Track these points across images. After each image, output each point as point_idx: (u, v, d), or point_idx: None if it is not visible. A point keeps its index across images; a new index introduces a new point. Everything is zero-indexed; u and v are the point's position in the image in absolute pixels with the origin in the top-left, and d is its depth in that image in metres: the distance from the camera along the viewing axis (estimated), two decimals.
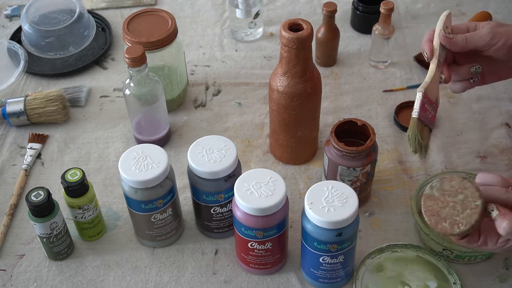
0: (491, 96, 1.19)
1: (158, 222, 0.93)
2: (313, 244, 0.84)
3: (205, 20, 1.40)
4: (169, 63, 1.12)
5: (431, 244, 0.93)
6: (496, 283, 0.92)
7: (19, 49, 1.28)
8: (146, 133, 1.11)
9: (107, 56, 1.32)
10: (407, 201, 1.02)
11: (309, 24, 0.93)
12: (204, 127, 1.16)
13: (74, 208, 0.94)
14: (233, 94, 1.22)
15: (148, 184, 0.87)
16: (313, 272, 0.89)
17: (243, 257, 0.92)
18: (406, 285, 0.90)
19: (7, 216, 1.01)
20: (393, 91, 1.21)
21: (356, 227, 0.84)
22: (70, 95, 1.20)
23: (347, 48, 1.31)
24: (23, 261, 0.97)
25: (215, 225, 0.96)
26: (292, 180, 1.07)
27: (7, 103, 1.15)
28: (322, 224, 0.81)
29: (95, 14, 1.39)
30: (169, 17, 1.12)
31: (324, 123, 1.13)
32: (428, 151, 0.90)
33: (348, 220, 0.81)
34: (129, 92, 1.04)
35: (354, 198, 0.82)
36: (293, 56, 0.93)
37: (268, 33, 1.35)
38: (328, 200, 0.82)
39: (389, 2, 1.17)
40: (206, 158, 0.89)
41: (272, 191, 0.84)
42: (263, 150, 1.12)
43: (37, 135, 1.14)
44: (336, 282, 0.90)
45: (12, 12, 1.44)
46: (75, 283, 0.94)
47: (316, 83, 0.98)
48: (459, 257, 0.92)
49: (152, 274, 0.95)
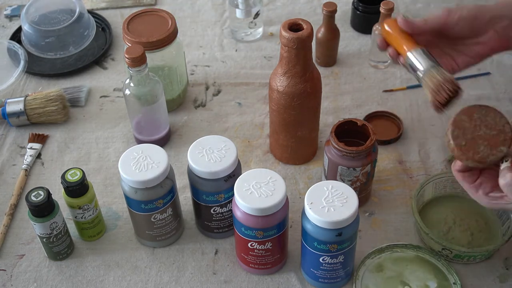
0: (491, 96, 1.19)
1: (158, 222, 0.93)
2: (313, 244, 0.84)
3: (205, 20, 1.40)
4: (169, 63, 1.12)
5: (431, 243, 0.93)
6: (496, 283, 0.92)
7: (19, 49, 1.28)
8: (146, 133, 1.11)
9: (107, 56, 1.32)
10: (407, 201, 1.02)
11: (309, 24, 0.93)
12: (204, 127, 1.16)
13: (74, 208, 0.94)
14: (233, 94, 1.22)
15: (148, 184, 0.87)
16: (313, 272, 0.89)
17: (243, 257, 0.92)
18: (406, 285, 0.90)
19: (7, 216, 1.01)
20: (393, 91, 1.21)
21: (356, 227, 0.84)
22: (70, 95, 1.20)
23: (347, 48, 1.31)
24: (23, 261, 0.97)
25: (215, 225, 0.96)
26: (292, 180, 1.07)
27: (7, 103, 1.15)
28: (322, 224, 0.81)
29: (95, 14, 1.39)
30: (169, 17, 1.12)
31: (324, 123, 1.13)
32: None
33: (348, 220, 0.81)
34: (129, 92, 1.04)
35: (354, 198, 0.82)
36: (293, 56, 0.93)
37: (268, 33, 1.35)
38: (328, 200, 0.82)
39: (389, 2, 1.17)
40: (206, 158, 0.89)
41: (272, 191, 0.84)
42: (263, 150, 1.12)
43: (37, 135, 1.14)
44: (336, 282, 0.90)
45: (12, 12, 1.44)
46: (75, 283, 0.94)
47: (316, 83, 0.98)
48: (458, 257, 0.92)
49: (152, 274, 0.95)
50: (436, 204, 1.00)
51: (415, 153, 1.10)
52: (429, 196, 1.00)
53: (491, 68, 1.24)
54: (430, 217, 0.98)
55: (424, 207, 0.99)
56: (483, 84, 1.21)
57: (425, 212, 0.99)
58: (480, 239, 0.95)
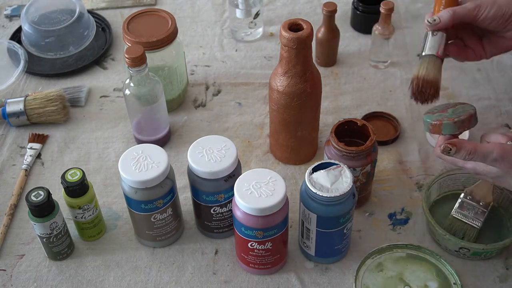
0: (491, 96, 1.19)
1: (158, 222, 0.93)
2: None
3: (205, 20, 1.40)
4: (169, 63, 1.12)
5: (448, 243, 0.93)
6: (496, 283, 0.92)
7: (19, 49, 1.28)
8: (146, 133, 1.11)
9: (107, 56, 1.32)
10: (407, 201, 1.02)
11: (309, 24, 0.93)
12: (204, 127, 1.16)
13: (74, 208, 0.94)
14: (233, 94, 1.22)
15: (148, 184, 0.87)
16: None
17: (243, 257, 0.92)
18: (406, 285, 0.90)
19: (7, 216, 1.01)
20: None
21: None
22: (70, 95, 1.20)
23: (347, 48, 1.31)
24: (23, 261, 0.97)
25: (215, 225, 0.96)
26: (292, 180, 1.07)
27: (7, 103, 1.15)
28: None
29: (95, 14, 1.39)
30: (169, 17, 1.12)
31: (324, 123, 1.13)
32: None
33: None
34: (129, 92, 1.04)
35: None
36: (293, 56, 0.93)
37: (268, 33, 1.35)
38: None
39: (389, 2, 1.17)
40: (206, 158, 0.89)
41: (272, 191, 0.84)
42: (263, 150, 1.12)
43: (37, 135, 1.14)
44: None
45: (12, 12, 1.44)
46: (75, 283, 0.94)
47: (316, 83, 0.98)
48: (476, 254, 0.92)
49: (152, 274, 0.95)
50: (442, 204, 1.00)
51: (415, 153, 1.10)
52: (435, 196, 1.00)
53: (491, 68, 1.24)
54: (438, 215, 0.98)
55: (431, 207, 0.99)
56: (483, 84, 1.21)
57: (433, 211, 0.99)
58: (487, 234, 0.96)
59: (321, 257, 0.93)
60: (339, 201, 0.84)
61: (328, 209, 0.85)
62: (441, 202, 1.00)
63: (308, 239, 0.91)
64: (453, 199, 0.98)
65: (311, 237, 0.90)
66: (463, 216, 0.94)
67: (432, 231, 0.95)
